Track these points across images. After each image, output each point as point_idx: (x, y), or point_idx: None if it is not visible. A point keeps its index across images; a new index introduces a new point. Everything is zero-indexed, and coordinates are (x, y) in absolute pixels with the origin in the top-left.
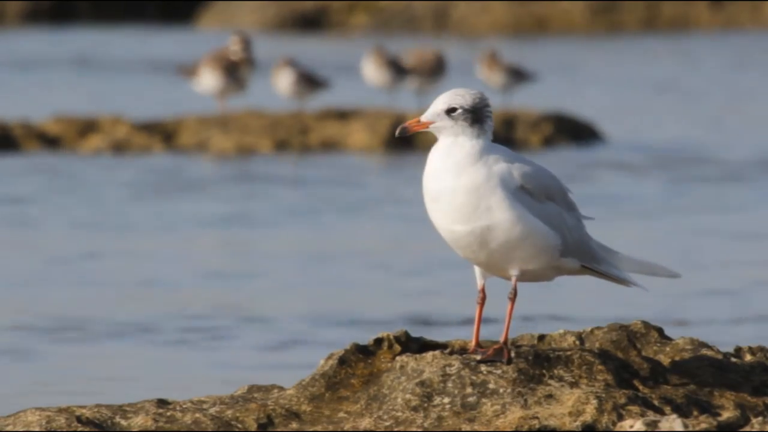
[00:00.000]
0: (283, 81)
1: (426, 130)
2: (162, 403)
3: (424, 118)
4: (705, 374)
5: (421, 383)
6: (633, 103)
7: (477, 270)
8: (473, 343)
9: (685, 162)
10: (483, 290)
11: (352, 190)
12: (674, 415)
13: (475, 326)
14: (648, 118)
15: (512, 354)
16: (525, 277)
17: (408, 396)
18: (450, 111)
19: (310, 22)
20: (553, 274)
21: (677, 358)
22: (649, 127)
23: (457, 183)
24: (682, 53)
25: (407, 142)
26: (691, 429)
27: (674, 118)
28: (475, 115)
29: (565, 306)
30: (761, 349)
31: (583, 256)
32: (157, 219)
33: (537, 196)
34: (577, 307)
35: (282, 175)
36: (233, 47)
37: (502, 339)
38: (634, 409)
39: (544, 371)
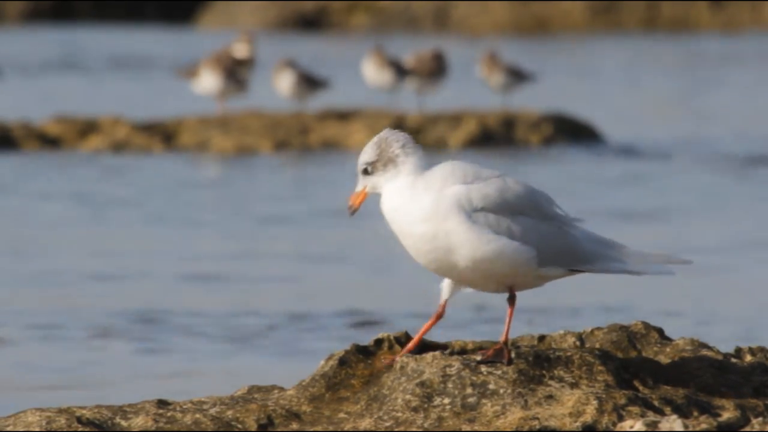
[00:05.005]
0: (284, 82)
1: (369, 195)
2: (162, 403)
3: (358, 188)
4: (705, 375)
5: (422, 384)
6: (633, 103)
7: (445, 284)
8: (411, 344)
9: (686, 162)
10: (443, 306)
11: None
12: (674, 416)
13: (420, 331)
14: (648, 118)
15: (512, 354)
16: (509, 288)
17: (408, 396)
18: (366, 171)
19: (310, 22)
20: (538, 282)
21: (677, 359)
22: (650, 127)
23: (410, 217)
24: (682, 53)
25: None
26: (691, 429)
27: (674, 118)
28: (386, 157)
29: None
30: (761, 349)
31: (570, 262)
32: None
33: (499, 212)
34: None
35: (282, 176)
36: (239, 45)
37: (502, 339)
38: (635, 409)
39: (544, 372)
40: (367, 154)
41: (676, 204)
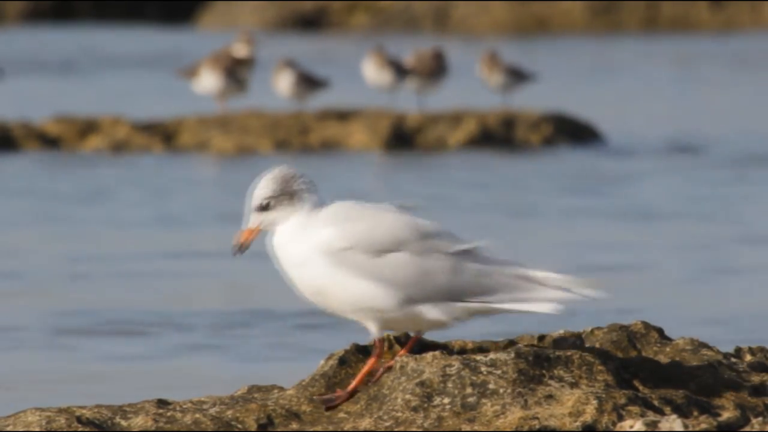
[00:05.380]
0: (283, 82)
1: (261, 231)
2: (162, 403)
3: (250, 225)
4: (705, 375)
5: (421, 383)
6: (633, 102)
7: None
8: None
9: (686, 161)
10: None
11: (352, 190)
12: (674, 416)
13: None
14: (648, 118)
15: (340, 401)
16: (382, 328)
17: (408, 396)
18: (263, 207)
19: (310, 22)
20: (434, 325)
21: (677, 359)
22: (650, 127)
23: (284, 261)
24: (682, 53)
25: (408, 143)
26: (691, 429)
27: (675, 118)
28: (287, 194)
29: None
30: (761, 349)
31: (460, 295)
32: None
33: (368, 252)
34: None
35: None
36: (239, 44)
37: (350, 387)
38: (634, 409)
39: (544, 371)
40: (267, 189)
41: (676, 203)
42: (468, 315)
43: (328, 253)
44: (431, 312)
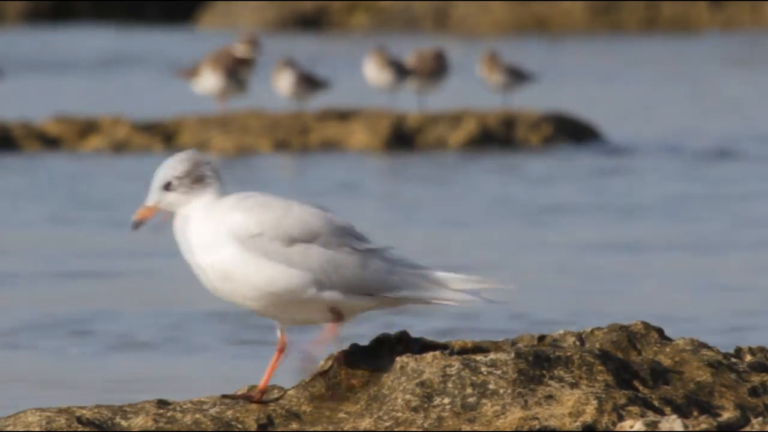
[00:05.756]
0: (284, 82)
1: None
2: (162, 403)
3: (149, 202)
4: (705, 375)
5: (421, 384)
6: (633, 103)
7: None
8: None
9: (686, 161)
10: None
11: (352, 190)
12: (674, 416)
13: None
14: (648, 118)
15: (264, 398)
16: (289, 321)
17: (408, 396)
18: (167, 186)
19: (310, 22)
20: (323, 317)
21: (677, 359)
22: (649, 127)
23: (190, 244)
24: (682, 53)
25: (408, 143)
26: (691, 429)
27: (675, 118)
28: (192, 177)
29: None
30: (761, 349)
31: (365, 289)
32: None
33: (276, 239)
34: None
35: (282, 176)
36: (241, 45)
37: (260, 386)
38: (634, 409)
39: (544, 372)
40: (174, 169)
41: (677, 203)
42: (369, 308)
43: (238, 237)
44: (338, 302)
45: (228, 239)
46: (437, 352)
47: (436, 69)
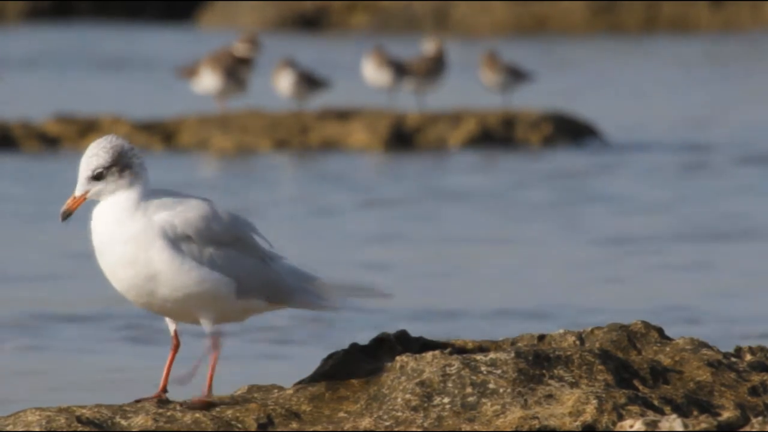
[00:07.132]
0: (284, 81)
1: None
2: (162, 403)
3: (77, 192)
4: (705, 374)
5: (421, 383)
6: (633, 102)
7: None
8: (161, 386)
9: (686, 160)
10: (175, 336)
11: (352, 190)
12: (674, 415)
13: (165, 369)
14: (648, 118)
15: (213, 401)
16: (213, 321)
17: (408, 396)
18: (95, 176)
19: (310, 22)
20: (242, 316)
21: (677, 358)
22: (649, 126)
23: (115, 236)
24: (682, 53)
25: (408, 142)
26: (691, 429)
27: (675, 118)
28: (121, 165)
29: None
30: (761, 349)
31: (270, 295)
32: None
33: (203, 242)
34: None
35: (282, 175)
36: (241, 44)
37: (204, 392)
38: (634, 409)
39: (544, 371)
40: (101, 158)
41: (676, 202)
42: (264, 310)
43: (166, 237)
44: (250, 305)
45: (156, 237)
46: (437, 352)
47: (433, 68)
